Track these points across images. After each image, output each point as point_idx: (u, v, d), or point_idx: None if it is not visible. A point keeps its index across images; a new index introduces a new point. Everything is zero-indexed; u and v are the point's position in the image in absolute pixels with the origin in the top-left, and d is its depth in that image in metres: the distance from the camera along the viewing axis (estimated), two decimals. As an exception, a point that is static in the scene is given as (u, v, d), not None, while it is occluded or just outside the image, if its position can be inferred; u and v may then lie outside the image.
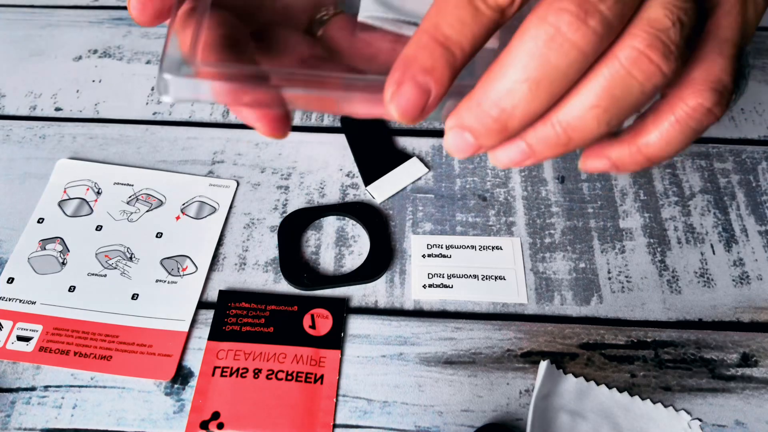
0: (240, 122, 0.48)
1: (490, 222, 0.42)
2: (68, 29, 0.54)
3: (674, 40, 0.20)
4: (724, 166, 0.45)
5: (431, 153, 0.46)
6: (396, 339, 0.37)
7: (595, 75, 0.20)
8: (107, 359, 0.36)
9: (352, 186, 0.44)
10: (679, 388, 0.35)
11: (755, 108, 0.49)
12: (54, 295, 0.38)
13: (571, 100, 0.20)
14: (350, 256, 0.41)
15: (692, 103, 0.21)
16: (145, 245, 0.40)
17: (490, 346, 0.37)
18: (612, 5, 0.19)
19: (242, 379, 0.35)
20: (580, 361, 0.36)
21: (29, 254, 0.40)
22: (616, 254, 0.41)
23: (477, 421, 0.34)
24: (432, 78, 0.20)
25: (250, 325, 0.37)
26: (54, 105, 0.48)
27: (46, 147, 0.46)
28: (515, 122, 0.20)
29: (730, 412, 0.35)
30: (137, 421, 0.34)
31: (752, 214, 0.43)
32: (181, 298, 0.38)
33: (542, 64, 0.19)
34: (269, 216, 0.42)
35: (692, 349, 0.37)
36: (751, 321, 0.38)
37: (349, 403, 0.35)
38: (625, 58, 0.20)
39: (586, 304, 0.39)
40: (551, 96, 0.20)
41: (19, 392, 0.35)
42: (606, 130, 0.21)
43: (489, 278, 0.39)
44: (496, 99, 0.20)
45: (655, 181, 0.44)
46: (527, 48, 0.19)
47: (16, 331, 0.36)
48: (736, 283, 0.40)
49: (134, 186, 0.43)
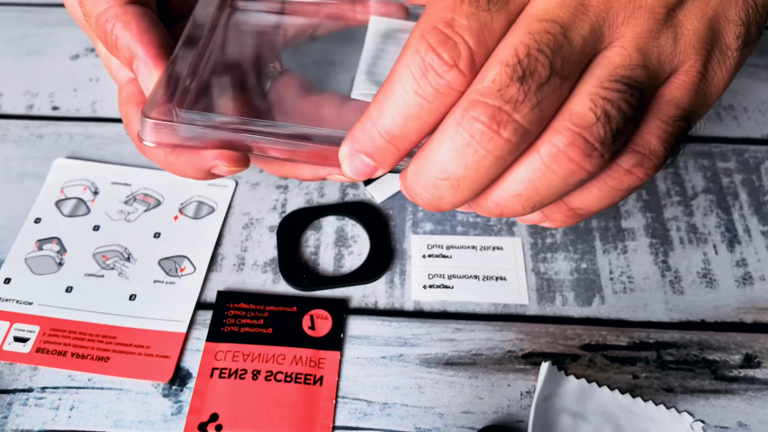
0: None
1: (491, 222, 0.42)
2: (65, 28, 0.53)
3: (599, 136, 0.19)
4: (727, 165, 0.45)
5: (431, 152, 0.46)
6: (396, 340, 0.37)
7: (517, 166, 0.20)
8: (105, 360, 0.35)
9: (352, 186, 0.44)
10: (681, 390, 0.35)
11: (758, 107, 0.48)
12: (51, 296, 0.38)
13: (498, 185, 0.21)
14: (350, 257, 0.40)
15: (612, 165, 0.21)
16: (143, 245, 0.40)
17: (491, 347, 0.37)
18: (527, 114, 0.18)
19: (241, 381, 0.35)
20: (581, 362, 0.36)
21: (26, 254, 0.39)
22: (618, 254, 0.40)
23: (478, 422, 0.34)
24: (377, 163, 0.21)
25: (249, 326, 0.37)
26: (51, 104, 0.48)
27: (43, 146, 0.45)
28: (446, 206, 0.21)
29: (732, 414, 0.34)
30: (135, 422, 0.34)
31: (755, 214, 0.42)
32: (179, 299, 0.38)
33: (460, 165, 0.19)
34: (268, 216, 0.42)
35: (695, 350, 0.37)
36: (754, 322, 0.38)
37: (349, 405, 0.34)
38: (546, 154, 0.19)
39: (588, 304, 0.38)
40: (474, 191, 0.21)
41: (15, 393, 0.35)
42: (532, 211, 0.22)
43: (490, 279, 0.39)
44: (426, 187, 0.21)
45: (658, 180, 0.44)
46: (446, 146, 0.19)
47: (12, 331, 0.36)
48: (739, 283, 0.39)
49: (132, 186, 0.43)
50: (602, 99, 0.19)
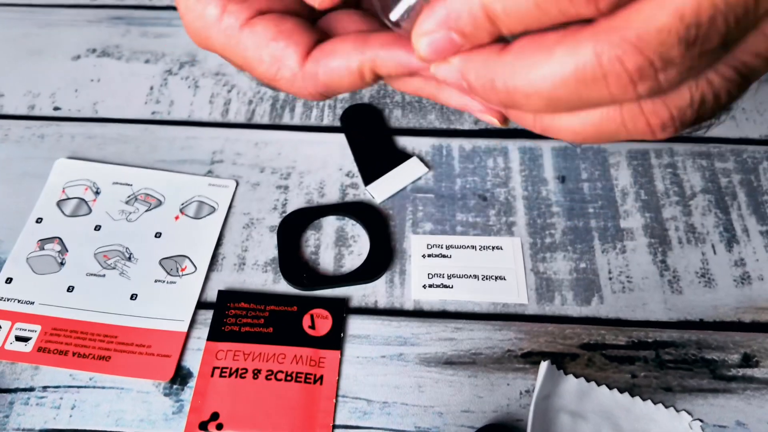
0: (239, 121, 0.47)
1: (491, 222, 0.42)
2: (67, 28, 0.54)
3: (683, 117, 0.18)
4: (726, 165, 0.45)
5: (431, 153, 0.46)
6: (396, 339, 0.37)
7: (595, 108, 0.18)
8: (106, 360, 0.35)
9: (352, 186, 0.44)
10: (680, 389, 0.35)
11: (756, 108, 0.48)
12: (53, 296, 0.38)
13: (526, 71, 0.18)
14: (350, 256, 0.40)
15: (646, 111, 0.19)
16: (144, 245, 0.40)
17: (491, 346, 0.37)
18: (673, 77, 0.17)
19: (241, 380, 0.35)
20: (580, 361, 0.36)
21: (28, 254, 0.40)
22: (617, 254, 0.41)
23: (477, 421, 0.34)
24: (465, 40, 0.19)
25: (250, 326, 0.37)
26: (52, 104, 0.48)
27: (45, 146, 0.45)
28: (516, 110, 0.19)
29: (731, 413, 0.35)
30: (136, 421, 0.34)
31: (753, 214, 0.43)
32: (180, 299, 0.38)
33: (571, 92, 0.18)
34: (268, 216, 0.42)
35: (693, 349, 0.37)
36: (752, 321, 0.38)
37: (349, 404, 0.35)
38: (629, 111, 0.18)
39: (587, 304, 0.39)
40: (559, 112, 0.19)
41: (17, 393, 0.35)
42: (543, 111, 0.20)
43: (489, 278, 0.39)
44: (512, 89, 0.18)
45: (656, 180, 0.44)
46: (568, 71, 0.17)
47: (14, 331, 0.36)
48: (738, 283, 0.39)
49: (133, 186, 0.43)
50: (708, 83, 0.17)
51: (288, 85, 0.25)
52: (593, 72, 0.17)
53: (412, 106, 0.49)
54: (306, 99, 0.26)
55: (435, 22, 0.19)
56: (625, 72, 0.17)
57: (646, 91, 0.17)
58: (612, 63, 0.17)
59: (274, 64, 0.25)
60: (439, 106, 0.49)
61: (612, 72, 0.17)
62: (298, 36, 0.25)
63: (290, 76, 0.25)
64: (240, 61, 0.26)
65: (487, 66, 0.19)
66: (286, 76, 0.25)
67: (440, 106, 0.49)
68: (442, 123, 0.47)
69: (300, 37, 0.25)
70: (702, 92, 0.18)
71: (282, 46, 0.25)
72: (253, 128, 0.47)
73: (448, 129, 0.47)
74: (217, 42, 0.26)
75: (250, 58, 0.26)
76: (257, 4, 0.26)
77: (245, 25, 0.25)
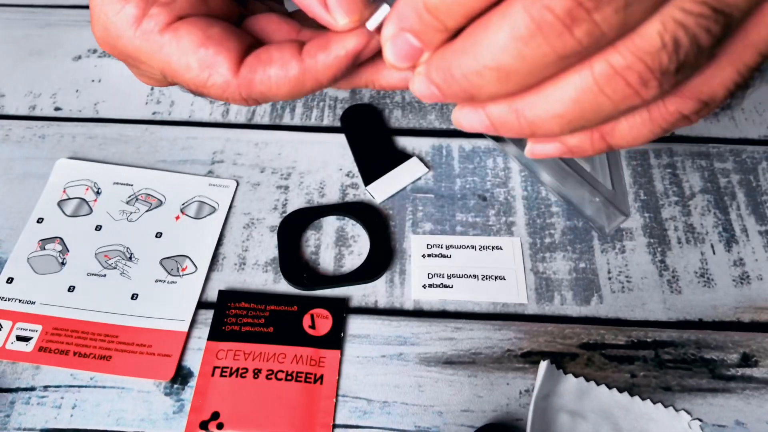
0: (240, 122, 0.48)
1: (490, 222, 0.42)
2: (68, 29, 0.54)
3: (661, 65, 0.17)
4: (725, 165, 0.45)
5: (431, 153, 0.46)
6: (396, 339, 0.37)
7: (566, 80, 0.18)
8: (107, 359, 0.36)
9: (352, 186, 0.44)
10: (679, 389, 0.35)
11: (755, 108, 0.49)
12: (53, 295, 0.38)
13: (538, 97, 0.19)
14: (350, 256, 0.41)
15: (671, 108, 0.19)
16: (145, 245, 0.40)
17: (490, 346, 0.37)
18: (609, 17, 0.16)
19: (242, 379, 0.35)
20: (580, 361, 0.36)
21: (29, 254, 0.40)
22: (617, 254, 0.41)
23: (477, 421, 0.34)
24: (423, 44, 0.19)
25: (250, 325, 0.37)
26: (53, 105, 0.48)
27: (46, 147, 0.46)
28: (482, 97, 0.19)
29: (730, 413, 0.35)
30: (137, 421, 0.34)
31: (752, 214, 0.43)
32: (180, 298, 0.38)
33: (516, 56, 0.17)
34: (269, 216, 0.42)
35: (692, 349, 0.37)
36: (751, 321, 0.38)
37: (349, 403, 0.35)
38: (600, 73, 0.17)
39: (586, 304, 0.39)
40: (519, 88, 0.18)
41: (18, 392, 0.35)
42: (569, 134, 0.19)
43: (489, 278, 0.39)
44: (468, 73, 0.18)
45: (656, 180, 0.44)
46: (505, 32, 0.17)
47: (15, 331, 0.36)
48: (737, 283, 0.40)
49: (134, 186, 0.43)
50: (676, 23, 0.16)
51: (219, 92, 0.25)
52: (527, 28, 0.16)
53: (412, 106, 0.49)
54: (238, 104, 0.26)
55: (393, 27, 0.20)
56: (556, 20, 0.16)
57: (584, 35, 0.16)
58: (541, 14, 0.16)
59: (203, 70, 0.24)
60: (439, 107, 0.49)
61: (544, 23, 0.16)
62: (228, 42, 0.24)
63: (222, 83, 0.24)
64: (160, 66, 0.25)
65: (443, 58, 0.19)
66: (218, 83, 0.24)
67: (440, 107, 0.49)
68: (442, 123, 0.48)
69: (230, 43, 0.24)
70: (673, 34, 0.16)
71: (212, 53, 0.24)
72: (253, 128, 0.47)
73: (448, 129, 0.47)
74: (130, 45, 0.25)
75: (175, 64, 0.25)
76: (179, 8, 0.25)
77: (166, 29, 0.24)
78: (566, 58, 0.17)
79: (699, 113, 0.19)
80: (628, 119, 0.19)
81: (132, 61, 0.27)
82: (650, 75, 0.17)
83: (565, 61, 0.17)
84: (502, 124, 0.20)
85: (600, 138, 0.20)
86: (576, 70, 0.17)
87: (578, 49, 0.17)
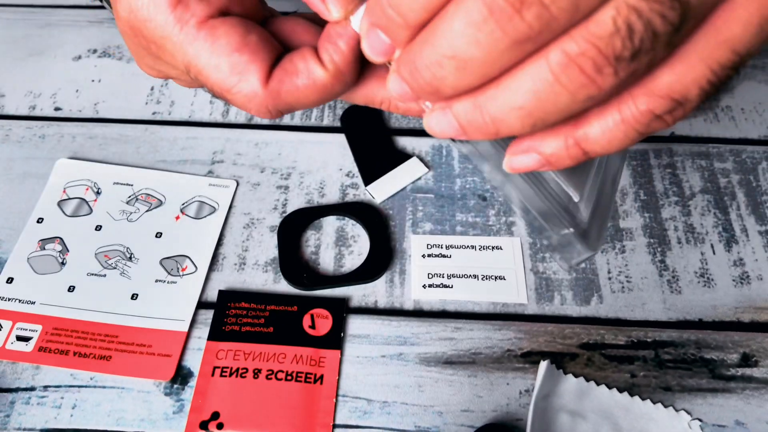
0: (240, 122, 0.48)
1: (490, 222, 0.42)
2: (68, 29, 0.54)
3: (614, 50, 0.16)
4: (725, 166, 0.45)
5: (431, 153, 0.46)
6: (396, 339, 0.37)
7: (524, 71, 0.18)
8: (107, 359, 0.36)
9: (352, 186, 0.44)
10: (679, 389, 0.35)
11: (755, 108, 0.49)
12: (53, 295, 0.38)
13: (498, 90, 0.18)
14: (350, 256, 0.41)
15: (642, 107, 0.18)
16: (145, 245, 0.40)
17: (490, 346, 0.37)
18: None
19: (242, 379, 0.35)
20: (580, 361, 0.36)
21: (29, 254, 0.40)
22: (617, 254, 0.41)
23: (477, 421, 0.34)
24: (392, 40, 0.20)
25: (250, 325, 0.37)
26: (53, 105, 0.48)
27: (46, 147, 0.46)
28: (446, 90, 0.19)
29: (730, 413, 0.35)
30: (137, 421, 0.34)
31: (752, 214, 0.43)
32: (180, 298, 0.38)
33: (472, 43, 0.17)
34: (269, 216, 0.42)
35: (692, 349, 0.37)
36: (751, 321, 0.38)
37: (349, 404, 0.35)
38: (556, 62, 0.17)
39: (586, 304, 0.39)
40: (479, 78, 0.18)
41: (18, 392, 0.35)
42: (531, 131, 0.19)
43: (489, 278, 0.39)
44: (429, 64, 0.18)
45: (655, 181, 0.44)
46: (460, 20, 0.17)
47: (15, 331, 0.36)
48: (737, 283, 0.40)
49: (134, 186, 0.43)
50: (629, 8, 0.16)
51: (243, 101, 0.25)
52: (480, 13, 0.16)
53: (412, 106, 0.49)
54: (258, 116, 0.26)
55: (366, 22, 0.20)
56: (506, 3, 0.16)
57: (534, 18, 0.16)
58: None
59: (233, 75, 0.24)
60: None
61: (495, 7, 0.16)
62: (262, 52, 0.24)
63: (249, 92, 0.24)
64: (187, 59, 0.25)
65: (409, 52, 0.19)
66: (244, 91, 0.24)
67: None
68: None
69: (264, 53, 0.24)
70: (626, 18, 0.16)
71: (245, 60, 0.24)
72: (253, 128, 0.47)
73: (448, 129, 0.47)
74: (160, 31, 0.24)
75: (204, 61, 0.24)
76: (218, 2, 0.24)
77: (204, 25, 0.24)
78: (520, 44, 0.17)
79: (673, 113, 0.18)
80: (600, 121, 0.19)
81: (155, 49, 0.26)
82: (604, 61, 0.17)
83: (519, 47, 0.17)
84: (469, 123, 0.20)
85: (574, 144, 0.20)
86: (533, 60, 0.17)
87: (530, 34, 0.16)
